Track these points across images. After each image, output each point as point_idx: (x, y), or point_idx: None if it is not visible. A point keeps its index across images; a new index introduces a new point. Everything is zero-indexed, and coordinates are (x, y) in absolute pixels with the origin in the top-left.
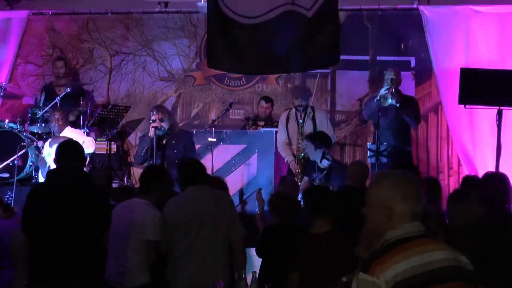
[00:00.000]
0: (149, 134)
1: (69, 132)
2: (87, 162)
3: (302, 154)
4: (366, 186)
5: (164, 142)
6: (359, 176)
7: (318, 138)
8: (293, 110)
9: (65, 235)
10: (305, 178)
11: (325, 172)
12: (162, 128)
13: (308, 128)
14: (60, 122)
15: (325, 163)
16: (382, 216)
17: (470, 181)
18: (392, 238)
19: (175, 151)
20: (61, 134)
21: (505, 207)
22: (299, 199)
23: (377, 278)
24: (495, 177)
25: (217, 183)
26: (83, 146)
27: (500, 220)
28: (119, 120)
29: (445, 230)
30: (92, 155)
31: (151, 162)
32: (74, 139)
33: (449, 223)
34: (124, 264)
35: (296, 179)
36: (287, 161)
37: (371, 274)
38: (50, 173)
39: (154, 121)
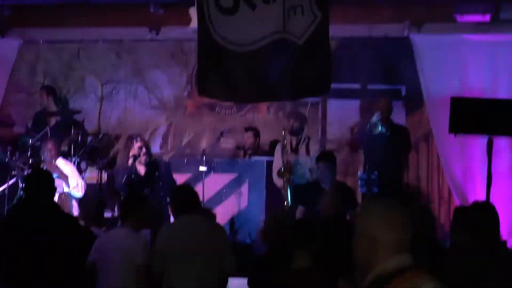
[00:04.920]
0: (128, 164)
1: (63, 165)
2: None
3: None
4: (343, 214)
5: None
6: (336, 203)
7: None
8: (288, 137)
9: (37, 266)
10: (300, 208)
11: None
12: (144, 157)
13: (300, 154)
14: (52, 152)
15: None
16: (367, 246)
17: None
18: (385, 271)
19: (161, 183)
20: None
21: (494, 236)
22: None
23: None
24: (484, 206)
25: (206, 214)
26: (74, 189)
27: (490, 248)
28: (110, 149)
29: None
30: None
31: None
32: (67, 173)
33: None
34: None
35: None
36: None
37: None
38: (18, 202)
39: (140, 148)
